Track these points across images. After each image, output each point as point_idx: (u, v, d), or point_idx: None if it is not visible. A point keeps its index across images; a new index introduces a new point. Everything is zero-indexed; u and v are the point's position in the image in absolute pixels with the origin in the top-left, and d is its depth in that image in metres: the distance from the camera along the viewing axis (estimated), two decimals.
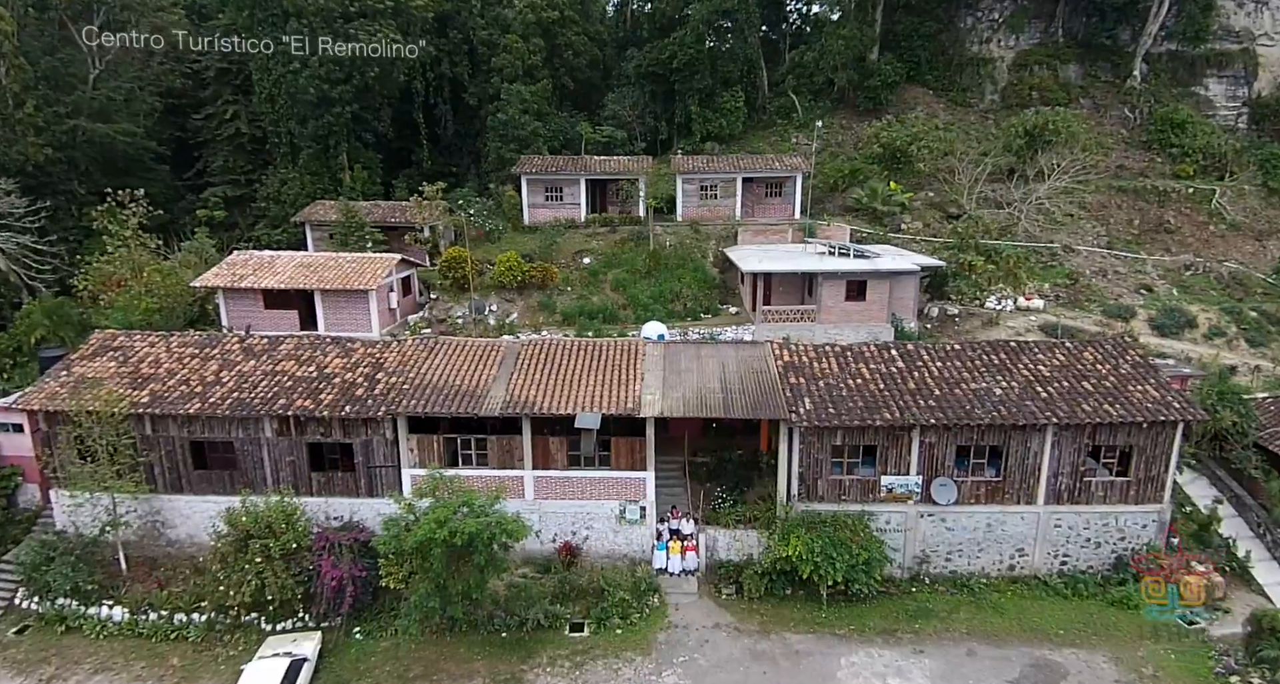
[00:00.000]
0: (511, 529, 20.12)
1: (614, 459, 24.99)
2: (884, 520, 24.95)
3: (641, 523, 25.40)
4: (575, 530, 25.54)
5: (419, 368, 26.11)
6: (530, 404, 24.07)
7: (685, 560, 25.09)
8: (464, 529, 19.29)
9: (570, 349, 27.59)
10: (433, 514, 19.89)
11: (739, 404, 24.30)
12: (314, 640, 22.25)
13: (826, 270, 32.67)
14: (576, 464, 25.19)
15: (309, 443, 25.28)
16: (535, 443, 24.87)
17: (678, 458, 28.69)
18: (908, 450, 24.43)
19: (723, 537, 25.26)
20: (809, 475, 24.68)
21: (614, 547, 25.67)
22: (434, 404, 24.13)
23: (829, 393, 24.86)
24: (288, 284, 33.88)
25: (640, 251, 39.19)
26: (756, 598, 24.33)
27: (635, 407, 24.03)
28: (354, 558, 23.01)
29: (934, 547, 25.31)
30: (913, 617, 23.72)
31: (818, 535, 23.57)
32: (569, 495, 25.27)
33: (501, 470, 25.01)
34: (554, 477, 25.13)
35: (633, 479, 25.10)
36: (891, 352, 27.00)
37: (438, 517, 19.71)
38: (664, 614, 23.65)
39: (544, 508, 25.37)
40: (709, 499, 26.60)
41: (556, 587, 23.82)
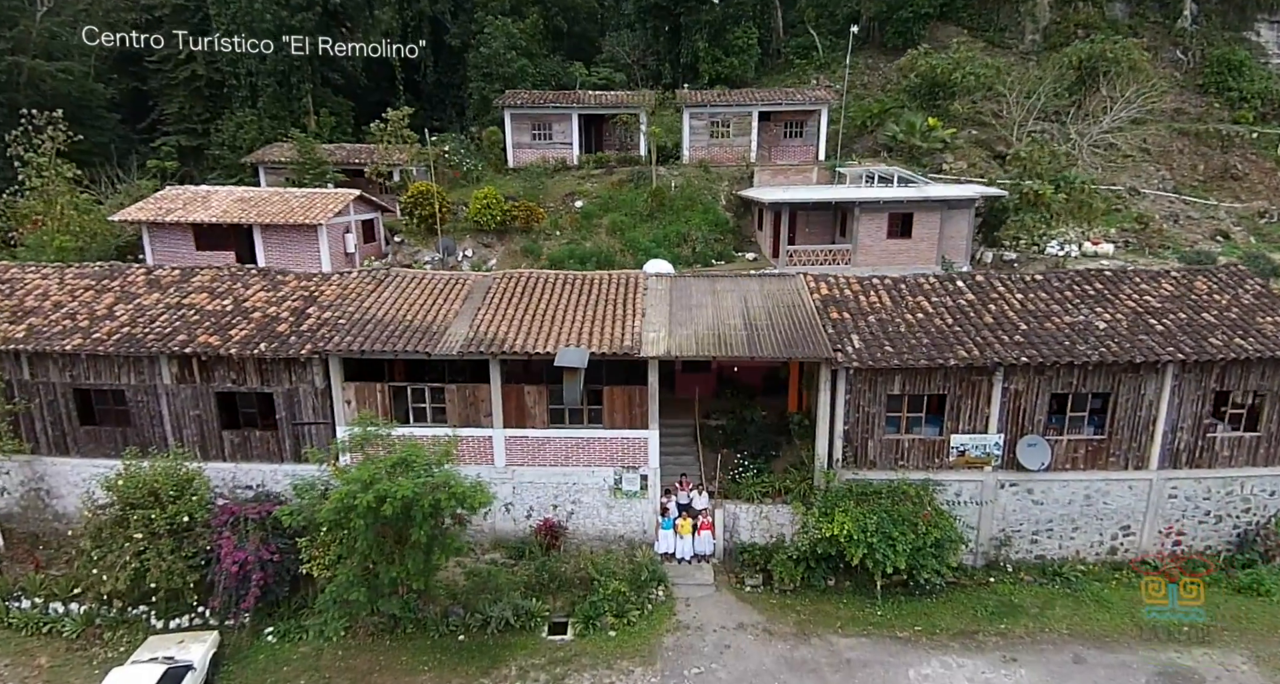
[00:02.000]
0: (464, 494, 14.66)
1: (607, 414, 19.56)
2: (953, 492, 19.51)
3: (642, 496, 19.98)
4: (558, 505, 20.12)
5: (362, 302, 20.69)
6: (499, 342, 18.65)
7: (698, 542, 19.67)
8: (396, 493, 13.85)
9: (553, 283, 22.17)
10: (356, 473, 14.46)
11: (768, 342, 18.86)
12: (206, 643, 16.84)
13: (865, 200, 27.19)
14: (560, 421, 19.76)
15: (218, 393, 19.85)
16: (507, 394, 19.44)
17: (687, 421, 23.27)
18: (986, 401, 18.96)
19: (745, 513, 19.83)
20: (857, 435, 19.22)
21: (607, 526, 20.25)
22: (375, 341, 18.69)
23: (883, 329, 19.41)
24: (222, 218, 28.58)
25: (641, 193, 33.76)
26: (790, 590, 18.91)
27: (634, 345, 18.61)
28: (265, 537, 17.58)
29: (1016, 525, 19.85)
30: (996, 614, 18.27)
31: (870, 510, 18.14)
32: (550, 461, 19.84)
33: (465, 429, 19.57)
34: (531, 437, 19.70)
35: (631, 440, 19.66)
36: (957, 283, 21.55)
37: (362, 476, 14.28)
38: (671, 611, 18.24)
39: (518, 477, 19.95)
40: (727, 468, 21.17)
41: (533, 576, 18.39)
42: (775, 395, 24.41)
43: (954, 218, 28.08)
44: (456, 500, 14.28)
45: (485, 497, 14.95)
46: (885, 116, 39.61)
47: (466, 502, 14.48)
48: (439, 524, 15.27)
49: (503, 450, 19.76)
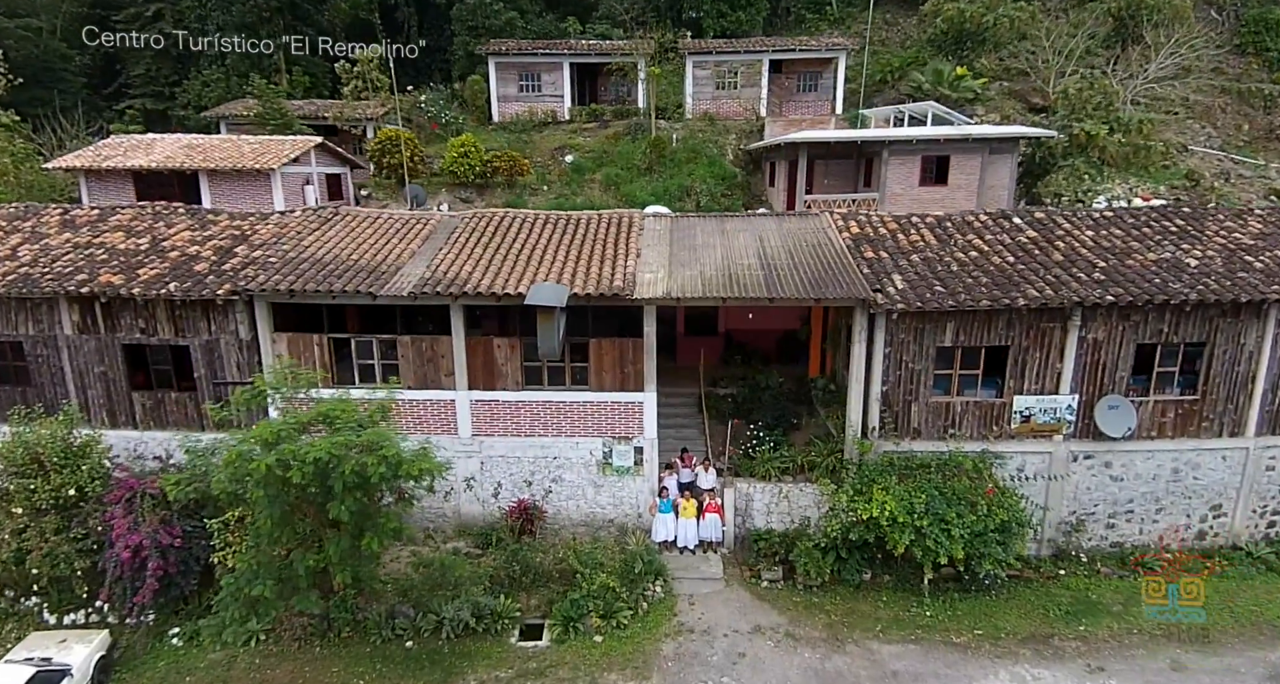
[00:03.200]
0: (400, 460, 11.21)
1: (594, 373, 16.15)
2: (1014, 467, 16.09)
3: (637, 473, 16.58)
4: (534, 483, 16.72)
5: (300, 241, 17.30)
6: (462, 283, 15.24)
7: (703, 528, 16.27)
8: (306, 456, 10.44)
9: (532, 222, 18.78)
10: (256, 430, 11.05)
11: (790, 282, 15.43)
12: (93, 644, 13.51)
13: (895, 139, 23.74)
14: (536, 382, 16.36)
15: (126, 346, 16.46)
16: (472, 348, 16.04)
17: (690, 389, 19.91)
18: (1058, 354, 15.52)
19: (760, 493, 16.43)
20: (898, 398, 15.81)
21: (594, 508, 16.85)
22: (309, 281, 15.30)
23: (929, 269, 15.98)
24: (164, 164, 25.20)
25: (638, 145, 30.33)
26: (817, 586, 15.50)
27: (626, 285, 15.20)
28: (167, 518, 14.17)
29: (1090, 506, 16.42)
30: (1072, 614, 14.85)
31: (918, 487, 14.72)
32: (526, 430, 16.44)
33: (422, 392, 16.22)
34: (502, 401, 16.30)
35: (623, 405, 16.26)
36: (1014, 220, 18.11)
37: (263, 435, 10.87)
38: (671, 611, 14.84)
39: (487, 449, 16.55)
40: (738, 441, 17.76)
41: (501, 568, 14.99)
42: (792, 363, 21.04)
43: (995, 164, 24.61)
44: (389, 467, 10.83)
45: (430, 464, 11.50)
46: (907, 70, 36.11)
47: (403, 469, 11.03)
48: (372, 500, 11.86)
49: (468, 417, 16.36)
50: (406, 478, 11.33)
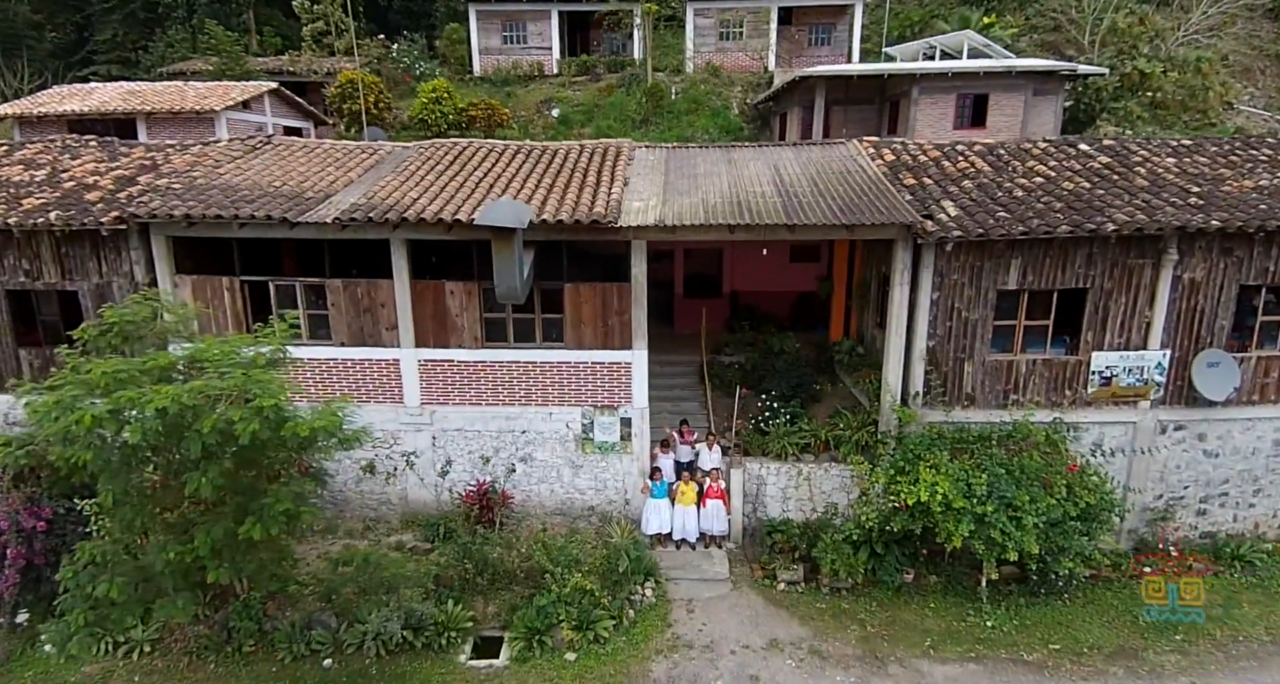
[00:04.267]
0: (282, 416, 8.11)
1: (571, 326, 13.09)
2: (1090, 440, 13.03)
3: (624, 450, 13.52)
4: (496, 462, 13.67)
5: (217, 170, 14.28)
6: (403, 208, 12.16)
7: (705, 517, 13.20)
8: (147, 405, 7.38)
9: (500, 152, 15.74)
10: (90, 375, 7.99)
11: (815, 209, 12.33)
12: None
13: (927, 72, 20.65)
14: (499, 338, 13.32)
15: (10, 292, 13.46)
16: (420, 294, 13.00)
17: (690, 357, 16.89)
18: (1148, 298, 12.45)
19: (775, 474, 13.39)
20: (948, 356, 12.75)
21: (571, 493, 13.80)
22: (213, 206, 12.26)
23: (987, 195, 12.92)
24: (101, 108, 22.29)
25: (633, 96, 27.26)
26: (848, 589, 12.45)
27: (609, 212, 12.13)
28: (34, 497, 11.18)
29: (1179, 488, 13.37)
30: (1164, 623, 11.80)
31: (977, 465, 11.66)
32: (487, 397, 13.39)
33: (357, 350, 13.20)
34: (458, 361, 13.25)
35: (606, 365, 13.21)
36: (1081, 146, 15.04)
37: (95, 380, 7.82)
38: (665, 621, 11.79)
39: (440, 421, 13.50)
40: (747, 414, 14.70)
41: (452, 566, 11.92)
42: (809, 329, 17.99)
43: (1039, 107, 21.52)
44: (265, 425, 7.77)
45: (332, 421, 8.42)
46: (930, 22, 33.00)
47: (288, 428, 7.96)
48: (260, 473, 8.82)
49: (415, 381, 13.32)
50: (294, 439, 8.26)
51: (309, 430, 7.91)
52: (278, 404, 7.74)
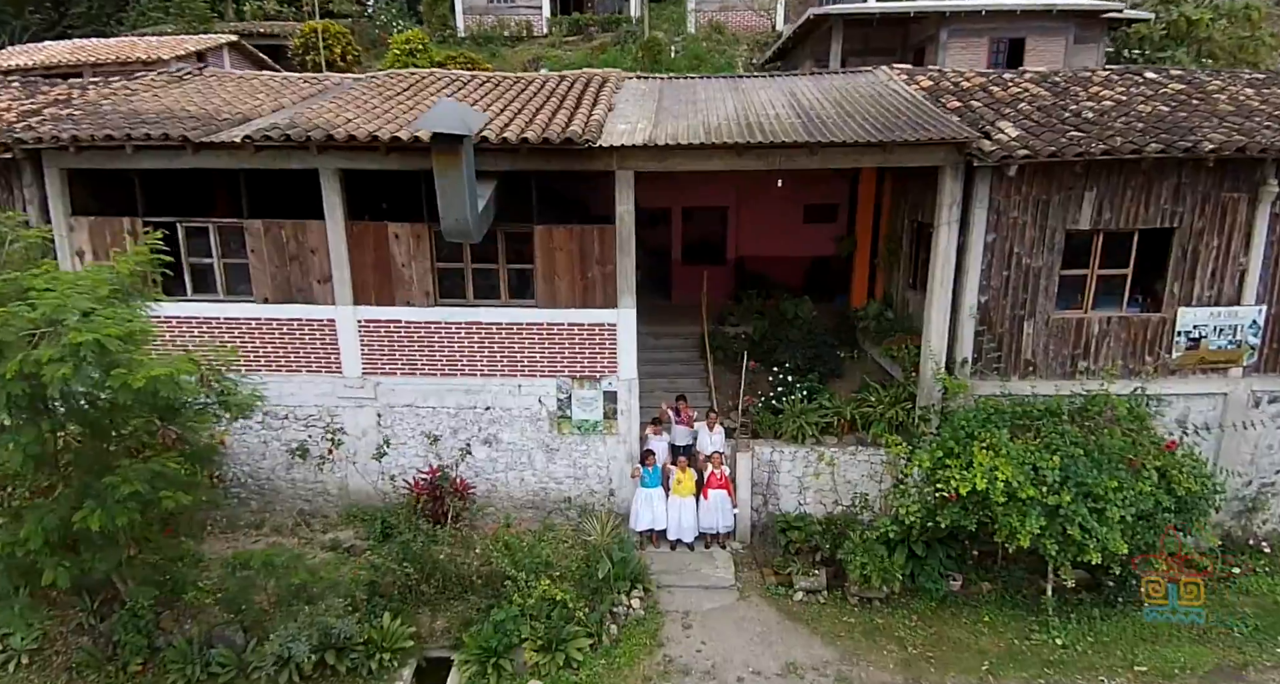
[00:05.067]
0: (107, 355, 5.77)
1: (541, 279, 10.76)
2: (1173, 415, 10.71)
3: (608, 430, 11.19)
4: (454, 444, 11.35)
5: (132, 99, 11.99)
6: (331, 127, 9.82)
7: (706, 510, 10.87)
8: None
9: (465, 81, 13.42)
10: None
11: (843, 129, 9.97)
12: None
13: (956, 10, 18.31)
14: (455, 295, 11.00)
15: None
16: (358, 238, 10.67)
17: (689, 328, 14.59)
18: (1242, 239, 10.12)
19: (791, 460, 11.09)
20: (1003, 313, 10.43)
21: (545, 483, 11.48)
22: (107, 128, 9.96)
23: (1052, 117, 10.58)
24: (46, 61, 20.13)
25: (628, 52, 24.96)
26: (881, 599, 10.12)
27: (587, 131, 9.79)
28: None
29: (1270, 472, 11.06)
30: (1262, 631, 9.62)
31: (1045, 445, 9.33)
32: (443, 367, 11.08)
33: (284, 308, 10.90)
34: (406, 323, 10.94)
35: (586, 328, 10.89)
36: (1146, 75, 12.70)
37: None
38: (655, 638, 9.46)
39: (386, 395, 11.19)
40: (756, 390, 12.35)
41: (392, 570, 9.58)
42: (825, 299, 15.61)
43: (1080, 54, 19.18)
44: (79, 364, 5.45)
45: (179, 369, 6.10)
46: None
47: (115, 375, 5.64)
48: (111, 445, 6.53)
49: (355, 346, 11.01)
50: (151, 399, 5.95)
51: (144, 381, 5.59)
52: (98, 340, 5.41)
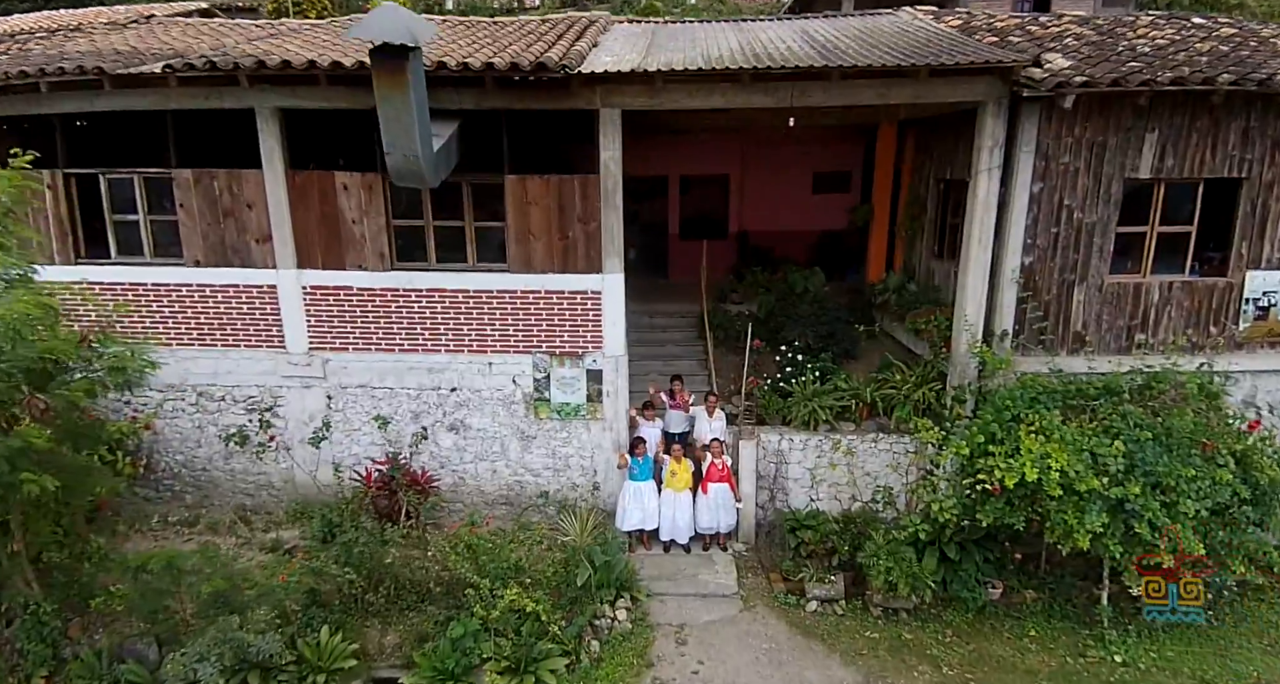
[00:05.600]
0: None
1: (514, 239, 9.29)
2: (1240, 395, 9.28)
3: (592, 414, 9.73)
4: (412, 429, 9.87)
5: (66, 42, 10.56)
6: (263, 54, 8.36)
7: (704, 507, 9.39)
8: None
9: (436, 23, 11.94)
10: None
11: (860, 56, 8.51)
12: None
13: None
14: (415, 257, 9.52)
15: None
16: (301, 192, 9.21)
17: (687, 306, 13.19)
18: None
19: (803, 449, 9.65)
20: (1050, 276, 8.98)
21: (519, 475, 10.01)
22: (21, 65, 8.53)
23: (1106, 50, 9.13)
24: (8, 32, 18.58)
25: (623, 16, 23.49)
26: (909, 610, 8.67)
27: (566, 58, 8.33)
28: None
29: None
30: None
31: (1104, 429, 7.90)
32: (401, 341, 9.62)
33: (218, 270, 9.45)
34: (357, 288, 9.47)
35: (566, 295, 9.42)
36: (1193, 19, 11.29)
37: None
38: (643, 657, 7.99)
39: (336, 374, 9.72)
40: (761, 373, 10.89)
41: (334, 575, 8.10)
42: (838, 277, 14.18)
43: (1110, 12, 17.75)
44: None
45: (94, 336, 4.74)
46: None
47: None
48: None
49: (299, 316, 9.55)
50: None
51: None
52: None
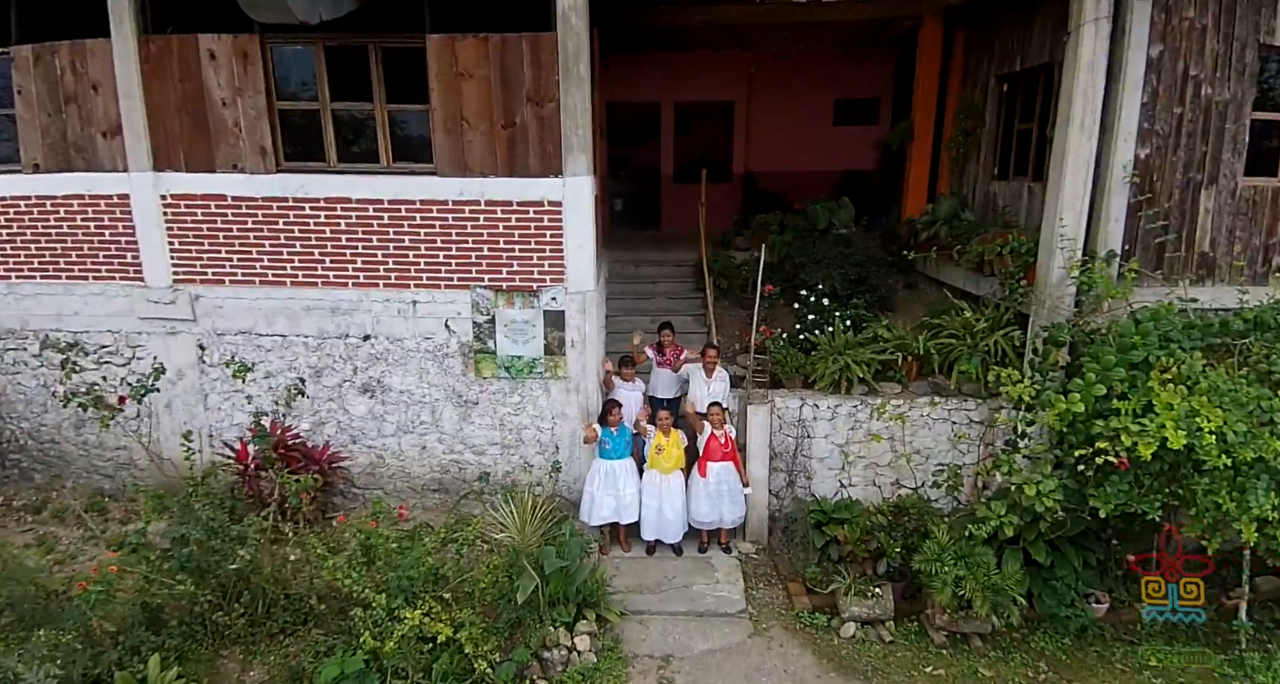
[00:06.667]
0: None
1: (441, 127, 6.89)
2: None
3: (552, 371, 7.27)
4: (313, 391, 7.46)
5: None
6: None
7: (700, 493, 6.94)
8: None
9: None
10: None
11: None
12: None
13: None
14: (311, 156, 7.11)
15: None
16: (157, 64, 6.84)
17: (682, 255, 10.81)
18: None
19: (830, 417, 7.20)
20: (1171, 175, 6.55)
21: (456, 452, 7.56)
22: None
23: None
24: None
25: None
26: (984, 635, 6.17)
27: None
28: None
29: None
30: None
31: (1254, 379, 5.43)
32: (291, 272, 7.21)
33: (58, 176, 7.07)
34: (233, 198, 7.07)
35: (515, 206, 7.00)
36: None
37: None
38: None
39: (208, 314, 7.31)
40: (777, 327, 8.45)
41: (169, 582, 5.68)
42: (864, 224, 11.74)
43: None
44: None
45: None
46: None
47: None
48: None
49: (159, 237, 7.15)
50: None
51: None
52: None
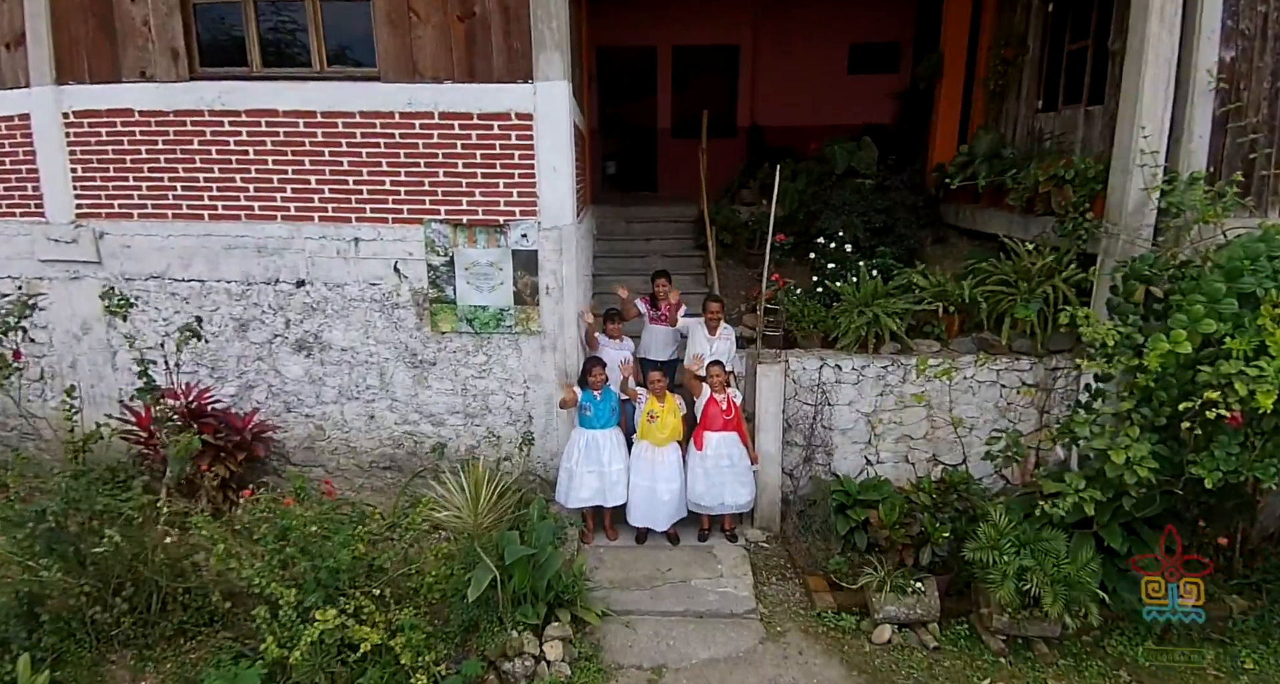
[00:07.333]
0: None
1: (384, 21, 5.71)
2: None
3: (523, 324, 6.10)
4: (238, 348, 6.30)
5: None
6: None
7: (698, 471, 5.74)
8: None
9: None
10: None
11: None
12: None
13: None
14: (228, 56, 5.92)
15: None
16: None
17: (681, 210, 9.70)
18: None
19: (856, 380, 6.01)
20: (1261, 81, 5.32)
21: (410, 422, 6.38)
22: None
23: None
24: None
25: None
26: (1051, 639, 4.97)
27: None
28: None
29: None
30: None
31: None
32: (210, 203, 6.05)
33: None
34: (140, 113, 5.90)
35: (474, 119, 5.80)
36: None
37: None
38: None
39: (115, 255, 6.16)
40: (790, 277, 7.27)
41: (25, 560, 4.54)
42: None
43: None
44: None
45: None
46: None
47: None
48: None
49: (60, 163, 6.01)
50: None
51: None
52: None
